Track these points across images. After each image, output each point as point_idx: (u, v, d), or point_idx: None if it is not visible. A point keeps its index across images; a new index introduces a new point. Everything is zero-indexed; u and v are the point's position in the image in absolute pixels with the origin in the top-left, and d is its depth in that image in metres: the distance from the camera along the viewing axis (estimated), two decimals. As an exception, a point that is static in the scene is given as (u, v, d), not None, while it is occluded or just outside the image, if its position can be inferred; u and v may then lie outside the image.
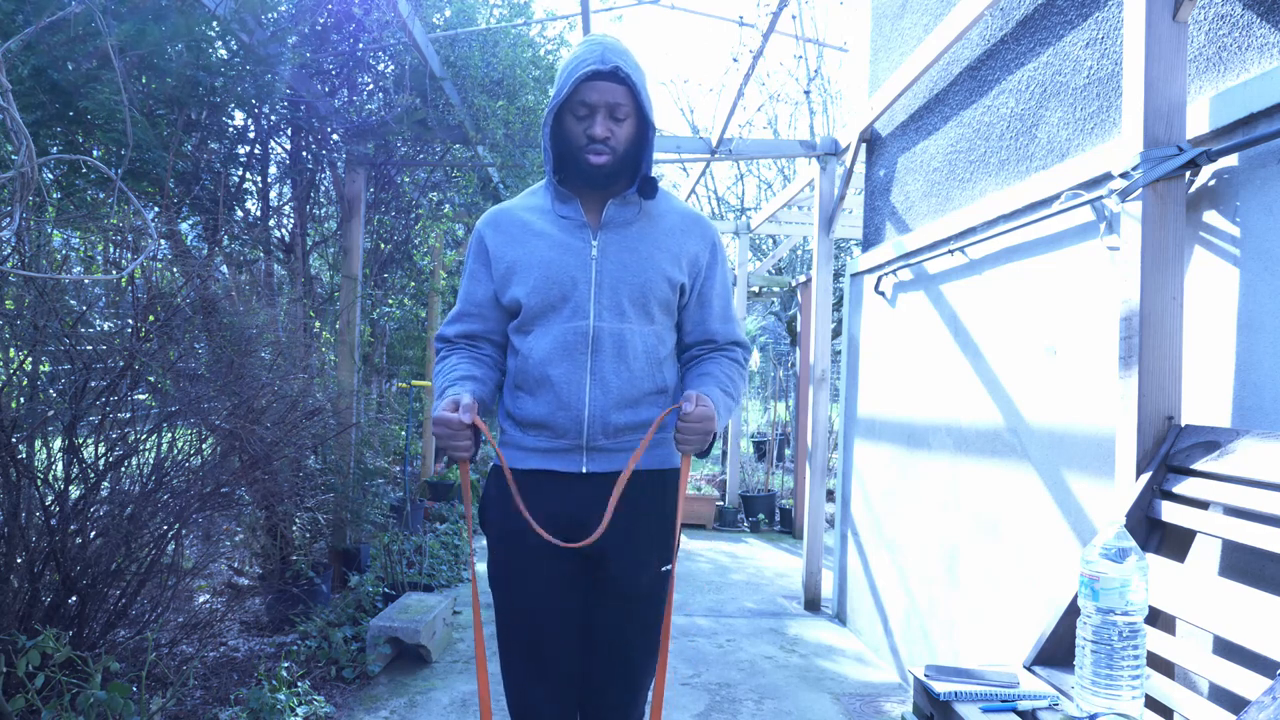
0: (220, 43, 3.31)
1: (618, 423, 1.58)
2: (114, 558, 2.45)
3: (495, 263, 1.63)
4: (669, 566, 1.67)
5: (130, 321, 2.60)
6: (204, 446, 2.87)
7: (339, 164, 4.56)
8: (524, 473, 1.62)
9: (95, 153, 3.03)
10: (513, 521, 1.62)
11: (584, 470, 1.59)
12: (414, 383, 5.65)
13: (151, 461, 2.69)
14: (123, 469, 2.60)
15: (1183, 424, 1.79)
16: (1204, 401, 1.83)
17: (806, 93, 8.02)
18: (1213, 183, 1.83)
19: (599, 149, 1.55)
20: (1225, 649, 1.65)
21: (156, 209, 3.33)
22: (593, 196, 1.63)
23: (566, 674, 1.64)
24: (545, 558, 1.61)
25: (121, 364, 2.48)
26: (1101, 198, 2.09)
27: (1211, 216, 1.83)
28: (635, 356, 1.59)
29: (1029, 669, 1.74)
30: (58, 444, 2.45)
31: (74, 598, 2.41)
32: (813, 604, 4.58)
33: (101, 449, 2.51)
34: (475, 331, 1.68)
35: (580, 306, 1.57)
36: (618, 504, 1.60)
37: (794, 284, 7.42)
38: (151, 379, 2.63)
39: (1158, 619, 1.64)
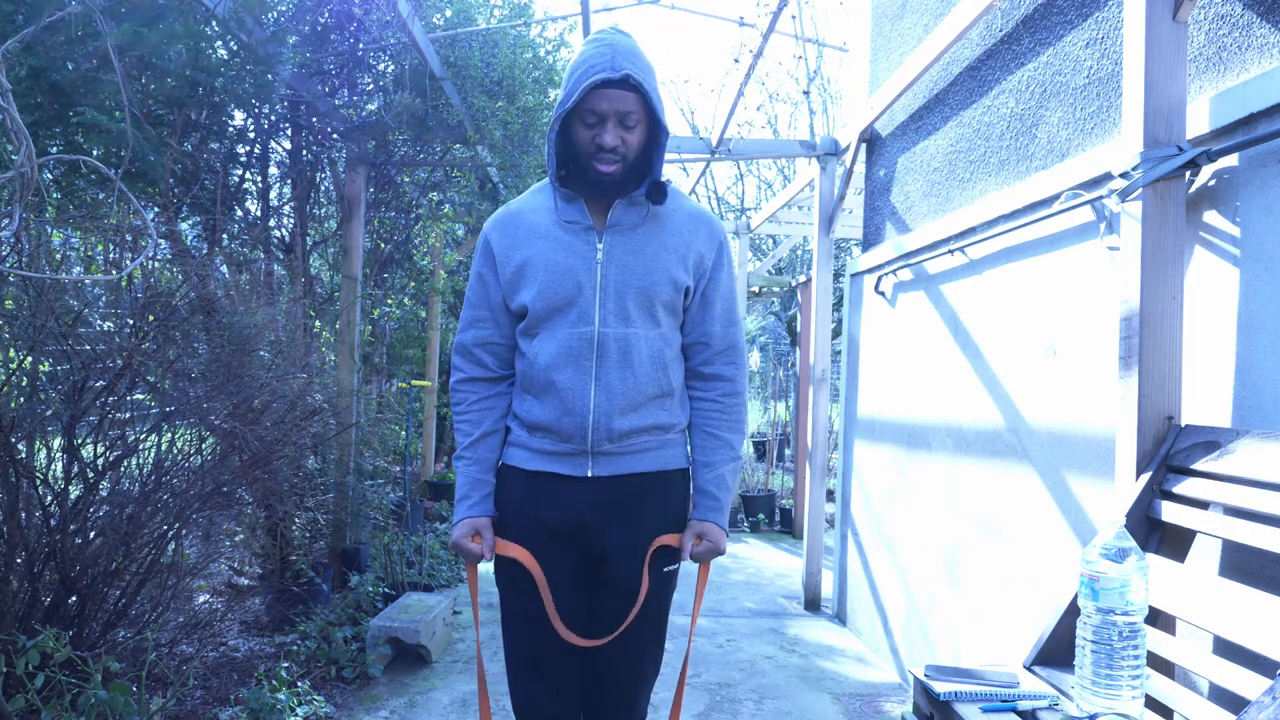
0: (220, 43, 3.31)
1: (622, 428, 1.57)
2: (114, 558, 2.45)
3: (502, 267, 1.63)
4: (674, 567, 1.67)
5: (129, 321, 2.60)
6: (204, 446, 2.87)
7: (339, 164, 4.56)
8: (530, 474, 1.62)
9: (95, 153, 3.03)
10: (519, 519, 1.62)
11: (589, 474, 1.59)
12: (414, 383, 5.65)
13: (151, 461, 2.69)
14: (122, 469, 2.60)
15: (1183, 424, 1.79)
16: (1204, 401, 1.83)
17: (806, 93, 8.02)
18: (1213, 183, 1.83)
19: (609, 158, 1.53)
20: (1225, 649, 1.65)
21: (156, 209, 3.33)
22: (598, 198, 1.62)
23: (569, 672, 1.64)
24: (550, 556, 1.61)
25: (120, 364, 2.48)
26: (1101, 198, 2.09)
27: (1211, 216, 1.83)
28: (640, 361, 1.58)
29: (1029, 669, 1.74)
30: (57, 444, 2.45)
31: (74, 598, 2.41)
32: (813, 604, 4.58)
33: (101, 449, 2.51)
34: (491, 339, 1.67)
35: (585, 311, 1.56)
36: (620, 504, 1.60)
37: (794, 284, 7.42)
38: (150, 379, 2.63)
39: (1158, 619, 1.64)
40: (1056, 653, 1.73)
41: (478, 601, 1.68)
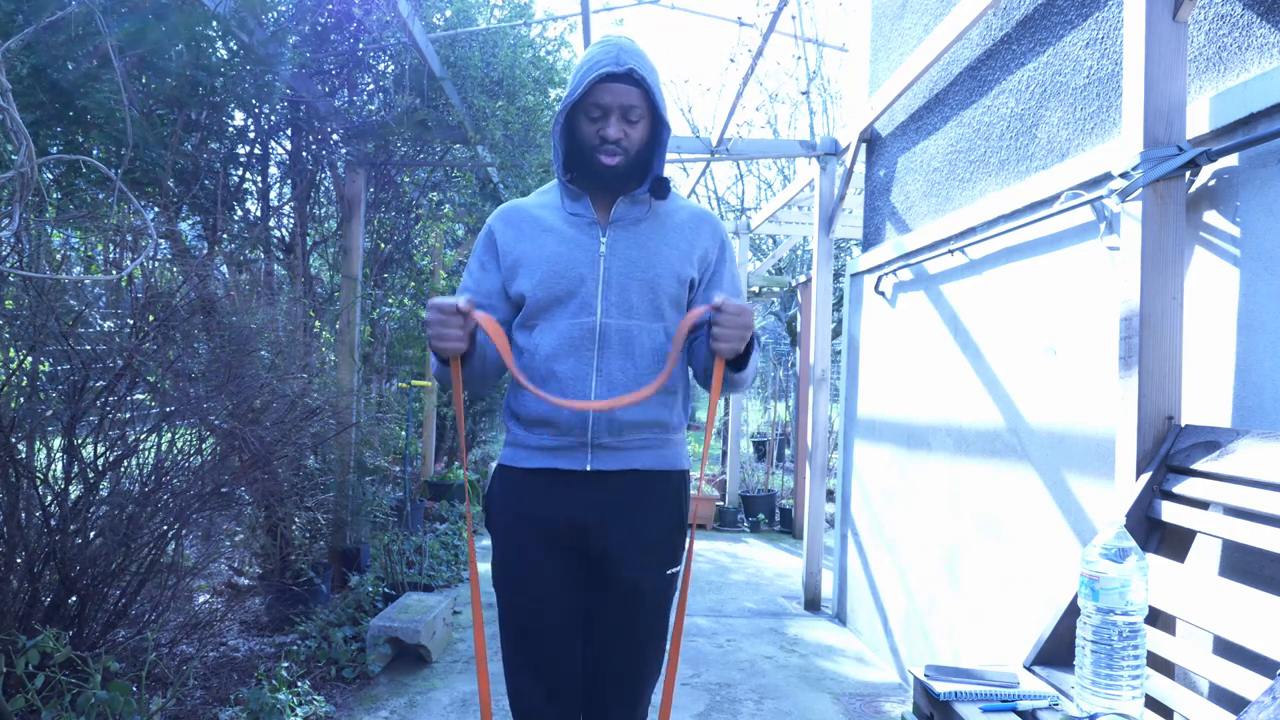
0: (220, 43, 3.31)
1: (622, 419, 1.57)
2: (114, 558, 2.45)
3: (503, 256, 1.63)
4: (676, 569, 1.66)
5: (129, 321, 2.60)
6: (204, 447, 2.87)
7: (339, 164, 4.56)
8: (528, 472, 1.62)
9: (95, 153, 3.03)
10: (516, 522, 1.62)
11: (589, 468, 1.59)
12: (414, 383, 5.65)
13: (151, 462, 2.69)
14: (122, 469, 2.60)
15: (1183, 424, 1.79)
16: (1204, 401, 1.83)
17: (805, 93, 8.01)
18: (1213, 183, 1.83)
19: (612, 150, 1.55)
20: (1225, 649, 1.65)
21: (156, 209, 3.33)
22: (603, 195, 1.63)
23: (569, 674, 1.63)
24: (549, 557, 1.61)
25: (120, 364, 2.48)
26: (1101, 198, 2.09)
27: (1211, 216, 1.83)
28: (642, 353, 1.58)
29: (1029, 669, 1.74)
30: (57, 444, 2.45)
31: (74, 598, 2.41)
32: (813, 604, 4.58)
33: (101, 449, 2.51)
34: None
35: (587, 302, 1.57)
36: (619, 503, 1.60)
37: (794, 284, 7.43)
38: (151, 379, 2.63)
39: (1158, 619, 1.64)
40: (1056, 653, 1.73)
41: (460, 381, 1.48)
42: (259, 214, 4.36)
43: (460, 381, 1.50)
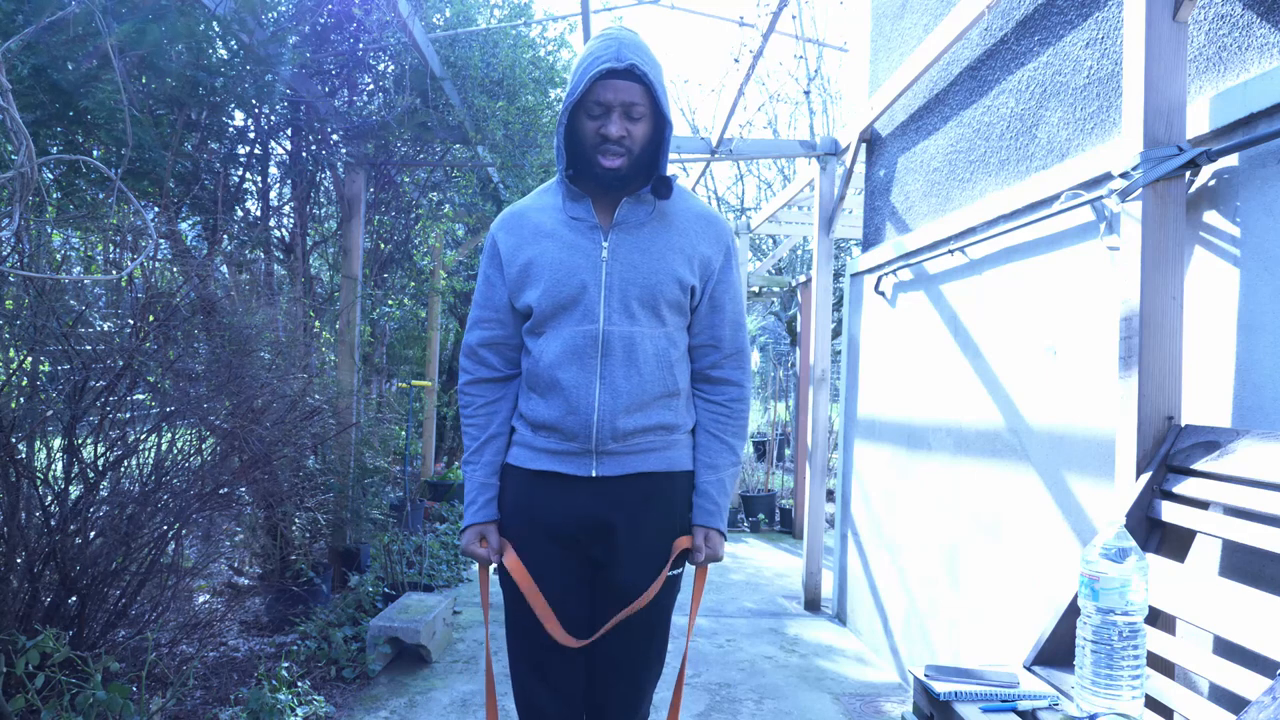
0: (220, 43, 3.32)
1: (626, 427, 1.57)
2: (114, 558, 2.45)
3: (508, 266, 1.62)
4: (678, 572, 1.67)
5: (130, 321, 2.60)
6: (204, 447, 2.87)
7: (339, 164, 4.56)
8: (533, 474, 1.62)
9: (95, 153, 3.04)
10: (521, 522, 1.62)
11: (593, 474, 1.59)
12: (414, 383, 5.65)
13: (151, 462, 2.69)
14: (122, 469, 2.60)
15: (1183, 424, 1.79)
16: (1204, 401, 1.83)
17: (806, 93, 8.03)
18: (1213, 183, 1.83)
19: (613, 150, 1.52)
20: (1225, 649, 1.65)
21: (156, 209, 3.34)
22: (605, 196, 1.62)
23: (571, 674, 1.64)
24: (554, 558, 1.61)
25: (121, 364, 2.48)
26: (1101, 198, 2.09)
27: (1211, 216, 1.83)
28: (645, 360, 1.57)
29: (1029, 669, 1.74)
30: (57, 444, 2.45)
31: (74, 598, 2.41)
32: (813, 604, 4.58)
33: (101, 449, 2.51)
34: (496, 338, 1.68)
35: (590, 310, 1.56)
36: (623, 506, 1.59)
37: (794, 284, 7.43)
38: (151, 379, 2.63)
39: (1158, 619, 1.64)
40: (1056, 653, 1.73)
41: (488, 603, 1.69)
42: (259, 214, 4.36)
43: (487, 584, 1.73)
